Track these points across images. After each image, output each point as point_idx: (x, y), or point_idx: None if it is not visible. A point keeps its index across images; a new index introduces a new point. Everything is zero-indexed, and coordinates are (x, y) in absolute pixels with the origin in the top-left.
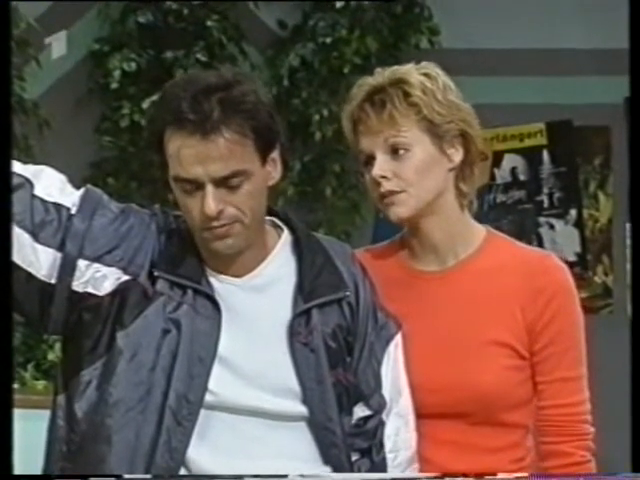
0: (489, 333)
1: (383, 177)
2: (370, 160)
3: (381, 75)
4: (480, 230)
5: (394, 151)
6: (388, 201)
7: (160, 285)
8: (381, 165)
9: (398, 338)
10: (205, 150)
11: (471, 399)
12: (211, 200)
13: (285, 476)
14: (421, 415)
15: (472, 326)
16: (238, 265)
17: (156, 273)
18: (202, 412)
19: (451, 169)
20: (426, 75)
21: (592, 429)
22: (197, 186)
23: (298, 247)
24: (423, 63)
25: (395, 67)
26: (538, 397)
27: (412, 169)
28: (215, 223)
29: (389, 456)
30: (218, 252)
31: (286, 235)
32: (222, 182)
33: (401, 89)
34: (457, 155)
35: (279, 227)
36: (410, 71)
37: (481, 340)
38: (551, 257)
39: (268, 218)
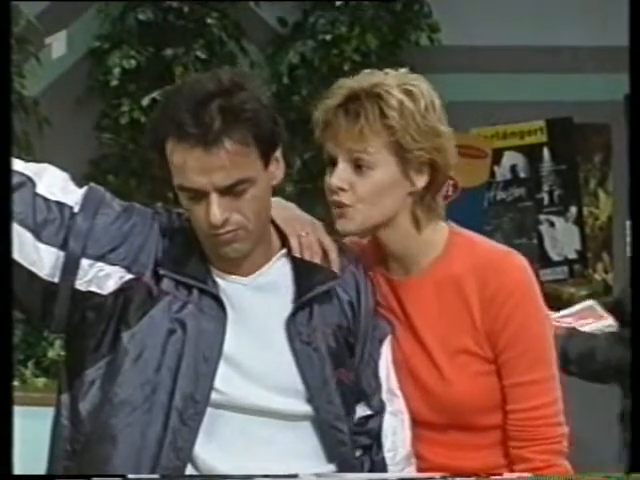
0: (455, 342)
1: (340, 188)
2: (333, 162)
3: (364, 79)
4: (442, 232)
5: (357, 164)
6: (339, 212)
7: (165, 284)
8: (340, 175)
9: (389, 338)
10: (208, 161)
11: (446, 410)
12: (216, 209)
13: (296, 476)
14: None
15: (440, 335)
16: (244, 265)
17: (162, 272)
18: (210, 411)
19: (411, 193)
20: (408, 93)
21: (560, 430)
22: (202, 194)
23: None
24: (411, 76)
25: (378, 75)
26: (504, 401)
27: (370, 187)
28: (221, 230)
29: (388, 455)
30: (226, 256)
31: None
32: (226, 190)
33: (378, 106)
34: (421, 181)
35: None
36: (391, 86)
37: (449, 350)
38: (509, 255)
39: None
